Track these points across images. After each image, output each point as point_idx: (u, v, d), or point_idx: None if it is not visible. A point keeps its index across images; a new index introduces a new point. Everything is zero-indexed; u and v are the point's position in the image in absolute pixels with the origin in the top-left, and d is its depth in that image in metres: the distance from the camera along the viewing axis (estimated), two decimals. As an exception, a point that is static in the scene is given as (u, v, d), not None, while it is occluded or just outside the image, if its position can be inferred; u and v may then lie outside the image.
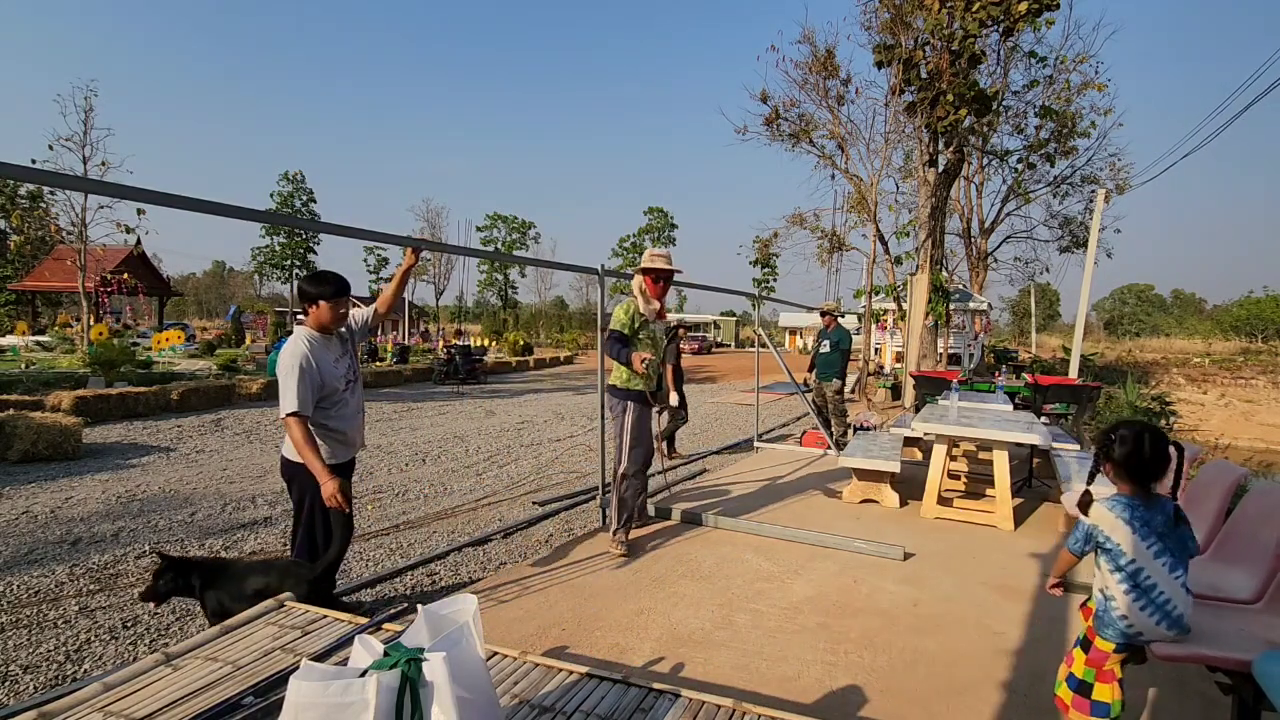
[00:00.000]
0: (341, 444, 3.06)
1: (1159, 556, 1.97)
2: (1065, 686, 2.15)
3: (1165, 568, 1.97)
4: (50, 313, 33.83)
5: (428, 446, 8.06)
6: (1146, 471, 2.04)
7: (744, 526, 4.69)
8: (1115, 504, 2.04)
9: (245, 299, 60.30)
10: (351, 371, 3.12)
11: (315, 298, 2.96)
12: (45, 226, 18.92)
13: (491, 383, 17.45)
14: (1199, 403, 17.31)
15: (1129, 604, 2.00)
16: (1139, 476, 2.05)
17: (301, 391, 2.80)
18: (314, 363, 2.88)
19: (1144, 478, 2.05)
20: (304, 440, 2.77)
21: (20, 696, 2.72)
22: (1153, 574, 1.98)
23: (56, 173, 2.92)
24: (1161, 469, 2.05)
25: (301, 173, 50.55)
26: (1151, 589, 1.97)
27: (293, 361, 2.83)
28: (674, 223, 55.43)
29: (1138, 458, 2.04)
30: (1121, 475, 2.09)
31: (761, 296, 9.45)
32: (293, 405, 2.78)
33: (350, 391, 3.09)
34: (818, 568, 4.02)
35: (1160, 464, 2.05)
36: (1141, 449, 2.03)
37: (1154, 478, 2.05)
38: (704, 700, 1.71)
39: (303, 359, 2.84)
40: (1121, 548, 2.00)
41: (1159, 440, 2.06)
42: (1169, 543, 1.98)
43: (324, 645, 1.93)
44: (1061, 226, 23.05)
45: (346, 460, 3.13)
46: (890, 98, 13.73)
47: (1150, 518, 2.00)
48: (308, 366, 2.85)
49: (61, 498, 5.56)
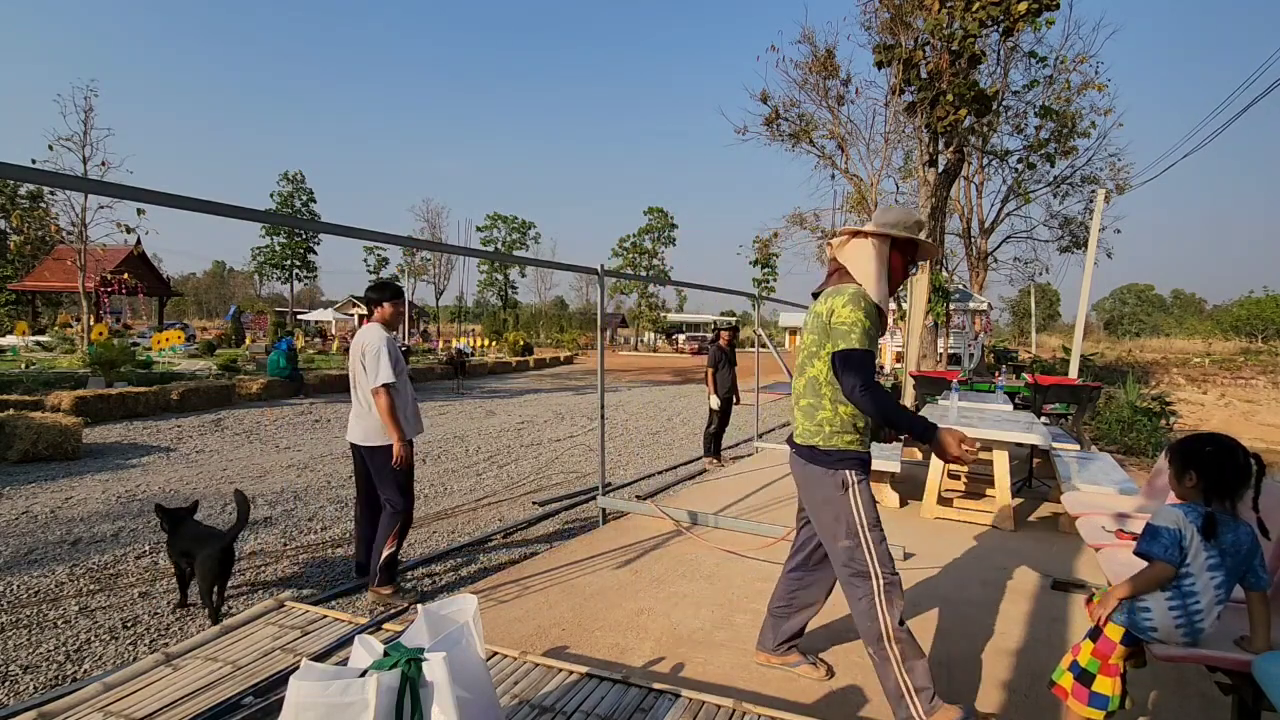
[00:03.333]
0: (406, 420, 3.63)
1: (1212, 571, 1.94)
2: (1067, 674, 2.14)
3: (1213, 583, 1.94)
4: (50, 313, 33.81)
5: (428, 446, 8.06)
6: (1228, 488, 2.01)
7: (744, 526, 4.68)
8: (1189, 510, 2.02)
9: (245, 299, 60.29)
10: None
11: (379, 300, 3.70)
12: (45, 226, 18.92)
13: (491, 383, 17.45)
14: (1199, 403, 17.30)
15: (1161, 601, 1.98)
16: (1220, 493, 2.02)
17: (395, 364, 3.48)
18: (394, 345, 3.56)
19: (1223, 494, 2.02)
20: (389, 409, 3.45)
21: (20, 696, 2.72)
22: (1199, 584, 1.95)
23: (56, 173, 2.92)
24: (1242, 486, 2.01)
25: (301, 173, 50.58)
26: (1190, 597, 1.95)
27: (380, 344, 3.50)
28: (674, 222, 55.38)
29: (1228, 473, 2.00)
30: (1199, 489, 2.05)
31: (761, 296, 9.44)
32: (388, 376, 3.44)
33: (404, 381, 3.67)
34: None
35: (1242, 481, 2.01)
36: (1229, 465, 2.00)
37: (1232, 494, 2.01)
38: (704, 700, 1.71)
39: (387, 341, 3.54)
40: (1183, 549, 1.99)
41: (1245, 456, 2.02)
42: (1229, 561, 1.95)
43: (324, 645, 1.93)
44: (1061, 226, 23.06)
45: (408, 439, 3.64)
46: (890, 98, 13.74)
47: (1219, 533, 1.98)
48: (393, 347, 3.54)
49: (61, 498, 5.56)
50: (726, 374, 7.46)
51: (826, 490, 2.35)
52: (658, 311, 53.92)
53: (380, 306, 3.74)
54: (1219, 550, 1.95)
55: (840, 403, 2.33)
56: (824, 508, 2.37)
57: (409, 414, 3.68)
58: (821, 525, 2.42)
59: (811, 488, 2.41)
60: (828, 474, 2.34)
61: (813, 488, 2.41)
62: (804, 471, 2.43)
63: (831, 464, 2.33)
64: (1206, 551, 1.96)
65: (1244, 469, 2.01)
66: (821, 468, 2.35)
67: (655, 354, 41.66)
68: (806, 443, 2.39)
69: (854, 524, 2.31)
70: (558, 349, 35.92)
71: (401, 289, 3.85)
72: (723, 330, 7.80)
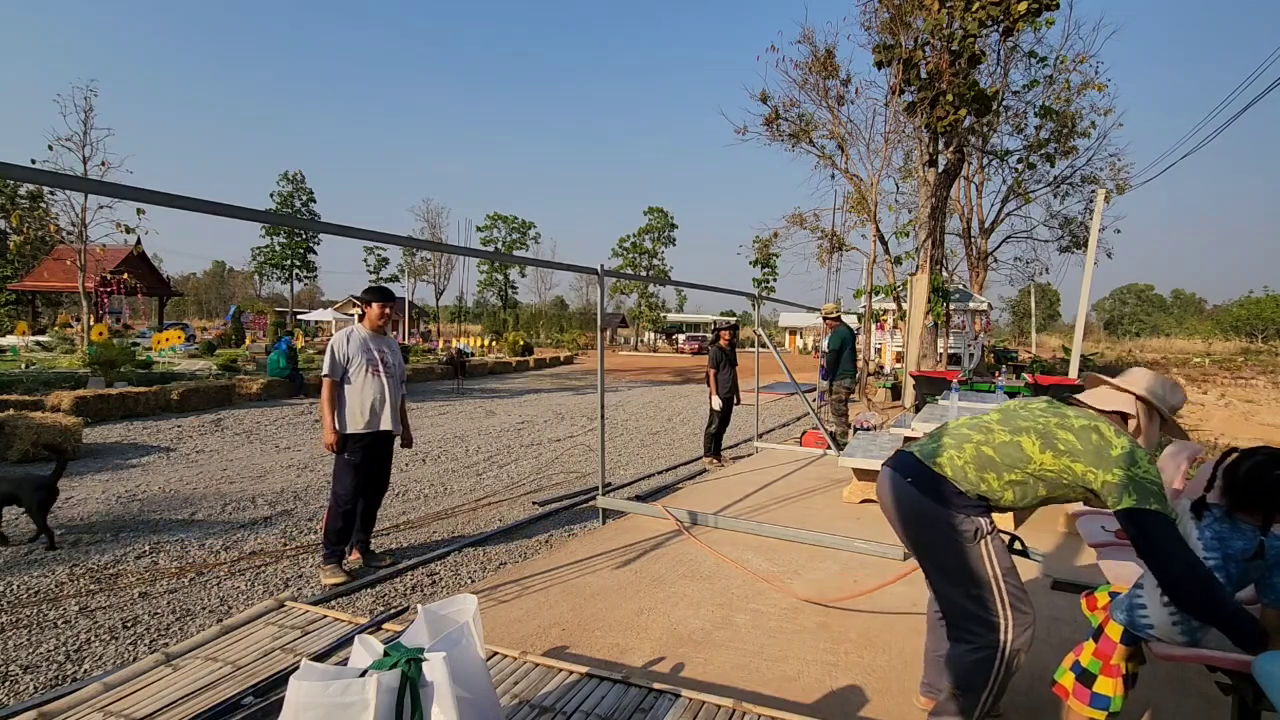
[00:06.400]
0: (350, 414, 3.95)
1: (1214, 573, 1.95)
2: (1069, 673, 2.13)
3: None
4: (50, 313, 33.83)
5: (428, 446, 8.06)
6: (1248, 497, 1.98)
7: (744, 526, 4.68)
8: (1187, 504, 2.02)
9: (245, 299, 60.27)
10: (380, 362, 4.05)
11: (365, 303, 4.12)
12: (45, 226, 18.92)
13: (491, 383, 17.45)
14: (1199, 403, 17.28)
15: (1157, 598, 1.98)
16: (1242, 502, 1.99)
17: (333, 362, 3.91)
18: (346, 345, 3.97)
19: (1245, 503, 2.00)
20: (324, 398, 3.91)
21: (20, 696, 2.72)
22: None
23: (56, 173, 2.92)
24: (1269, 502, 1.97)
25: (301, 173, 50.64)
26: None
27: (330, 343, 3.96)
28: (674, 223, 55.43)
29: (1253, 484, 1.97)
30: (1226, 494, 2.03)
31: (761, 297, 9.44)
32: (325, 370, 3.90)
33: (363, 378, 3.97)
34: (818, 568, 4.02)
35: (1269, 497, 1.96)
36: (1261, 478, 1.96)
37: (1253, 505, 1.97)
38: (704, 700, 1.71)
39: (336, 340, 3.98)
40: None
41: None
42: (1234, 567, 1.94)
43: (324, 645, 1.93)
44: (1061, 226, 23.06)
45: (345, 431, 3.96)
46: (890, 98, 13.73)
47: (1228, 537, 1.97)
48: (342, 346, 3.95)
49: (61, 498, 5.55)
50: (727, 374, 7.46)
51: (954, 530, 2.08)
52: (658, 311, 53.95)
53: (368, 308, 4.10)
54: (1223, 554, 1.95)
55: (1009, 488, 2.04)
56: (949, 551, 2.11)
57: (361, 409, 3.93)
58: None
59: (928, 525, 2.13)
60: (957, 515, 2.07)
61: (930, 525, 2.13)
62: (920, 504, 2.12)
63: (966, 508, 2.07)
64: (1207, 552, 1.96)
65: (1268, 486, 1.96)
66: (949, 510, 2.07)
67: (655, 354, 41.67)
68: (940, 473, 2.10)
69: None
70: (558, 349, 35.92)
71: (385, 290, 4.12)
72: (723, 330, 7.80)
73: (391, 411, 4.04)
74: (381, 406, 3.99)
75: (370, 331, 4.08)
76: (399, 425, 4.13)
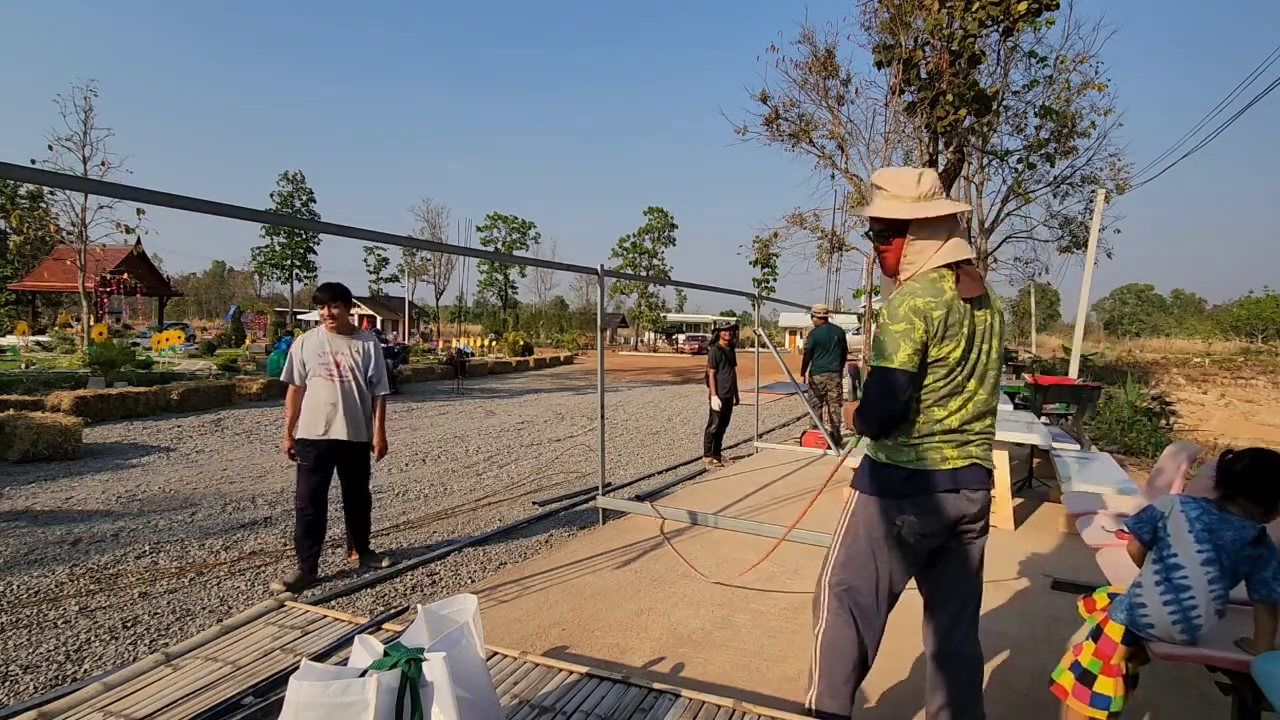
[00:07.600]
0: (306, 418, 3.81)
1: (1206, 565, 1.93)
2: (1068, 673, 2.13)
3: (1207, 578, 1.93)
4: (50, 313, 33.82)
5: (428, 446, 8.05)
6: (1240, 487, 2.00)
7: (744, 526, 4.68)
8: (1187, 502, 2.03)
9: (245, 299, 60.30)
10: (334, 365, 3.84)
11: (322, 302, 3.90)
12: (45, 226, 18.92)
13: (491, 383, 17.45)
14: (1199, 403, 17.29)
15: (1155, 596, 1.98)
16: (1234, 491, 2.01)
17: (290, 366, 3.82)
18: (301, 349, 3.85)
19: (1236, 492, 2.01)
20: (287, 402, 3.86)
21: (20, 696, 2.72)
22: (1191, 578, 1.94)
23: (56, 173, 2.92)
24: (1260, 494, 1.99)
25: (301, 173, 50.63)
26: (1183, 591, 1.95)
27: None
28: (674, 222, 55.39)
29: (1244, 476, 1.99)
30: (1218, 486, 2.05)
31: (761, 296, 9.44)
32: (284, 377, 3.86)
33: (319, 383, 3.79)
34: (818, 568, 4.01)
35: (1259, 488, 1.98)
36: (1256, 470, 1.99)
37: (1243, 494, 2.00)
38: (704, 700, 1.71)
39: (292, 346, 3.86)
40: (1170, 539, 2.00)
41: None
42: (1226, 558, 1.94)
43: (324, 645, 1.93)
44: (1062, 226, 23.00)
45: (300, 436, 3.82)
46: (890, 98, 13.72)
47: (1218, 528, 1.97)
48: (296, 351, 3.83)
49: (61, 498, 5.56)
50: (727, 374, 7.46)
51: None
52: (658, 311, 53.94)
53: (324, 307, 3.92)
54: (1214, 545, 1.95)
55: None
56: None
57: (313, 415, 3.75)
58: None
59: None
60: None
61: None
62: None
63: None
64: (1200, 545, 1.96)
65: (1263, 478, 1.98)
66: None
67: (655, 354, 41.68)
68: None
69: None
70: (558, 349, 35.93)
71: (332, 287, 3.85)
72: (722, 330, 7.80)
73: (347, 418, 3.75)
74: (334, 413, 3.73)
75: (331, 333, 3.83)
76: (363, 433, 3.85)
